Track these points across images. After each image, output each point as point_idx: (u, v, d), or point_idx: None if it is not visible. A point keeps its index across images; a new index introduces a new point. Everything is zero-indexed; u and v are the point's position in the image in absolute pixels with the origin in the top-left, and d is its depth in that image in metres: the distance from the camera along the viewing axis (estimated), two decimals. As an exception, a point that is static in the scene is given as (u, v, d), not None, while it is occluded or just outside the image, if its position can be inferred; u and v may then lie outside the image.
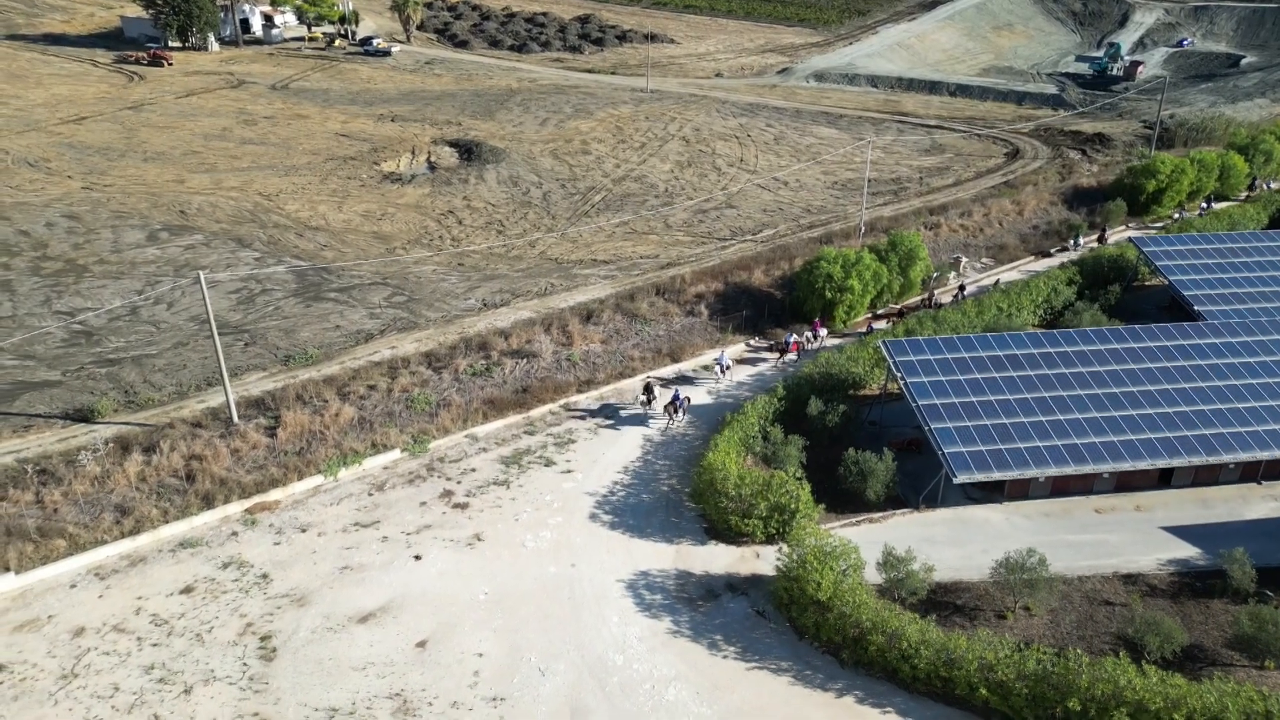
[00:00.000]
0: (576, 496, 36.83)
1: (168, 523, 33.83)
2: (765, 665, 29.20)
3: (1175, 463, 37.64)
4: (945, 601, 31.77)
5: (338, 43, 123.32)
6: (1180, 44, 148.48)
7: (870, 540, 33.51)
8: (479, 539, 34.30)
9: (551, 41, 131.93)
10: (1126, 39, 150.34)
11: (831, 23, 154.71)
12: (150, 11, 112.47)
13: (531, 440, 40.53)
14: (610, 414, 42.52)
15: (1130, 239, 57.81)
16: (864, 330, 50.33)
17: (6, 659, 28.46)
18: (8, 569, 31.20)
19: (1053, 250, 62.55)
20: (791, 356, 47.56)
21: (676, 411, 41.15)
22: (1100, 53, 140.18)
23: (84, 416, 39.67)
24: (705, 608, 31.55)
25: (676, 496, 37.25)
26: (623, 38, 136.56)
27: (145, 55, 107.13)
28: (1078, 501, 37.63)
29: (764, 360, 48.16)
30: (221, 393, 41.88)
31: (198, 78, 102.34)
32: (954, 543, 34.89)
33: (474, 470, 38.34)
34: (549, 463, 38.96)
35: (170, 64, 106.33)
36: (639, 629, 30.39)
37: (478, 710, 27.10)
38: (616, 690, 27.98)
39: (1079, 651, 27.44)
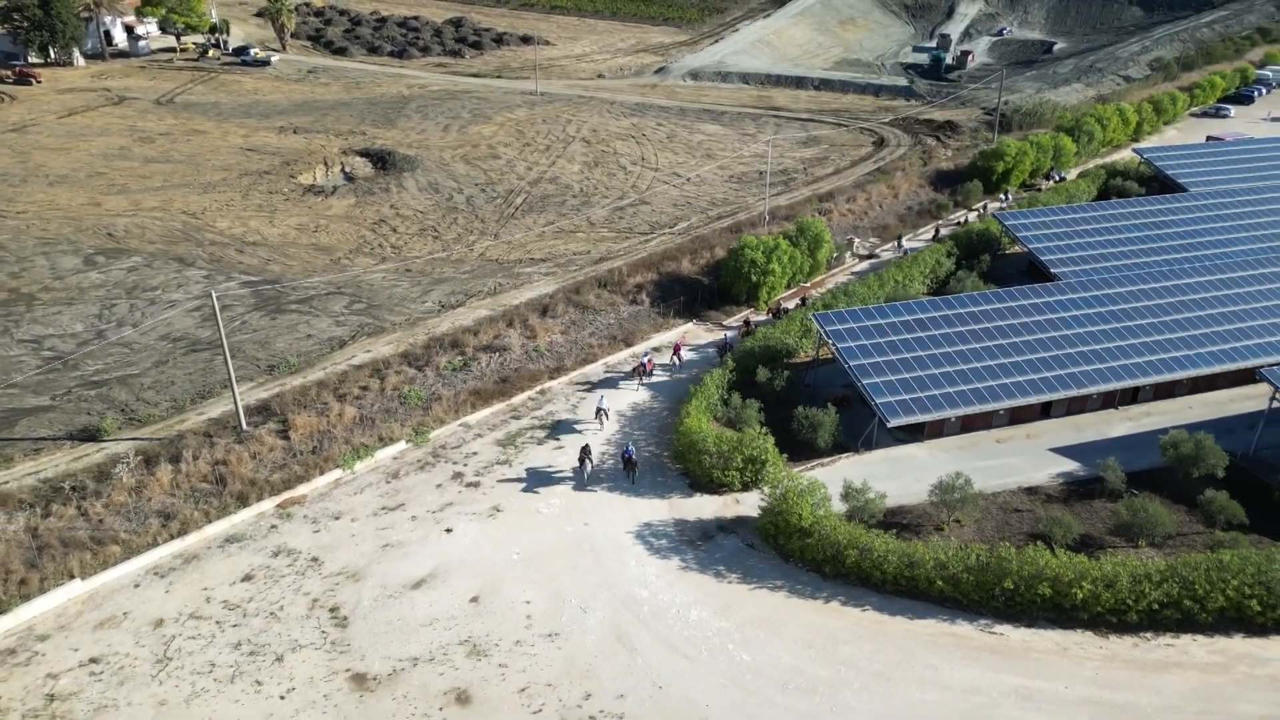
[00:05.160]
0: (573, 465, 41.88)
1: (211, 522, 36.86)
2: (763, 585, 35.38)
3: (1053, 397, 46.27)
4: (894, 522, 38.74)
5: (211, 53, 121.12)
6: (1000, 33, 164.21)
7: (826, 479, 39.95)
8: (498, 510, 38.98)
9: (430, 46, 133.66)
10: (954, 29, 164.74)
11: (694, 21, 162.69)
12: (6, 27, 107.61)
13: (520, 424, 45.28)
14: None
15: (993, 214, 67.30)
16: (721, 345, 51.94)
17: (98, 652, 31.28)
18: (73, 576, 33.68)
19: (878, 251, 67.15)
20: (649, 379, 48.85)
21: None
22: (933, 43, 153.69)
23: (90, 436, 41.67)
24: (704, 546, 37.46)
25: (658, 460, 42.94)
26: (499, 40, 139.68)
27: (10, 73, 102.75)
28: (982, 435, 45.68)
29: (628, 384, 49.00)
30: (219, 404, 44.71)
31: (74, 95, 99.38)
32: (891, 476, 42.00)
33: (476, 454, 42.81)
34: (541, 441, 43.86)
35: (39, 81, 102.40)
36: (655, 568, 35.99)
37: (539, 645, 32.05)
38: (649, 616, 33.52)
39: (1007, 545, 34.91)
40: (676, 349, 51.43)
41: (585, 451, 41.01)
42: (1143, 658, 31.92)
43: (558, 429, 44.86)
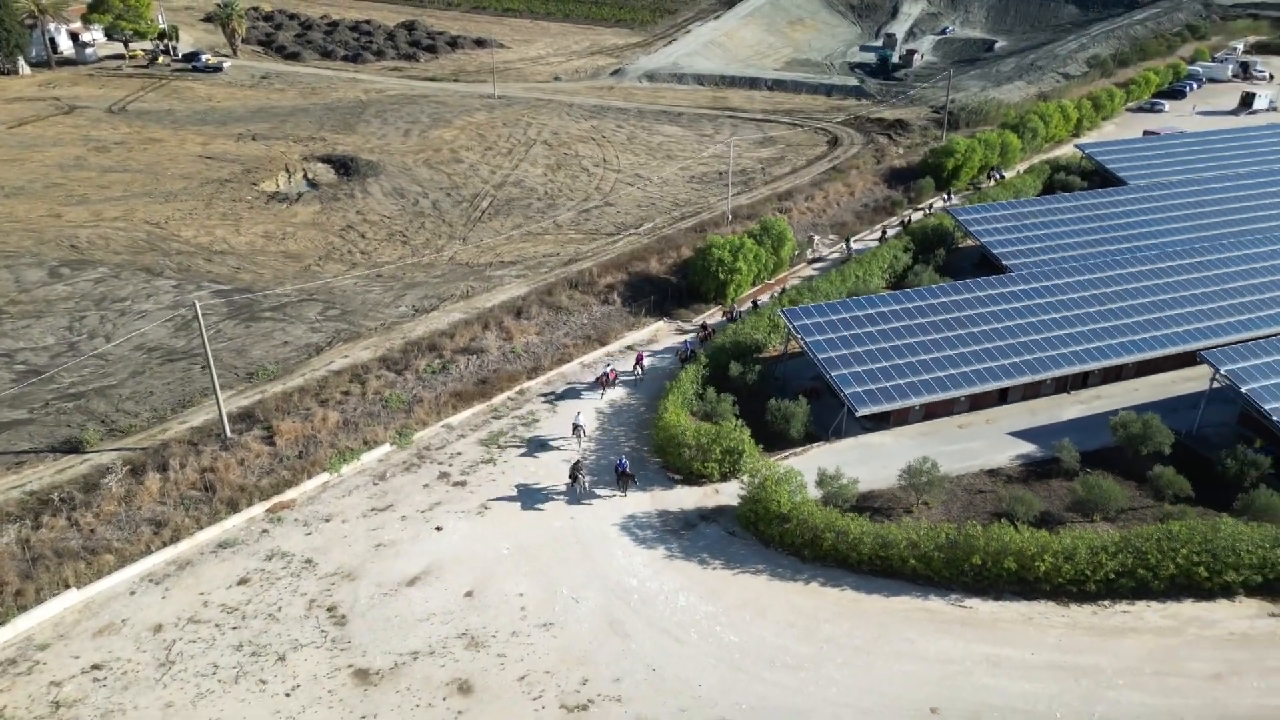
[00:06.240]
0: (556, 464, 43.09)
1: (202, 529, 37.37)
2: (746, 570, 36.96)
3: (1009, 383, 48.59)
4: (866, 506, 40.56)
5: (161, 59, 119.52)
6: (943, 31, 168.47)
7: (800, 467, 41.57)
8: (485, 508, 40.03)
9: (384, 50, 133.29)
10: (899, 29, 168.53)
11: (646, 22, 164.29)
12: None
13: (501, 423, 46.32)
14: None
15: (946, 209, 69.81)
16: (683, 352, 51.98)
17: (100, 659, 31.75)
18: (68, 585, 34.03)
19: (826, 254, 67.91)
20: (611, 389, 49.07)
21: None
22: (879, 43, 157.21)
23: (73, 448, 41.85)
24: (687, 535, 38.93)
25: (638, 454, 44.30)
26: (453, 44, 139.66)
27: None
28: (944, 421, 47.83)
29: (591, 395, 49.08)
30: (200, 412, 45.12)
31: (21, 105, 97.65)
32: (861, 463, 43.84)
33: (460, 454, 43.78)
34: (523, 443, 44.94)
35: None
36: (642, 558, 37.38)
37: (535, 635, 33.24)
38: (639, 604, 34.89)
39: (973, 523, 36.94)
40: (639, 359, 51.17)
41: (576, 468, 40.98)
42: (1102, 624, 34.10)
43: (534, 446, 44.46)
